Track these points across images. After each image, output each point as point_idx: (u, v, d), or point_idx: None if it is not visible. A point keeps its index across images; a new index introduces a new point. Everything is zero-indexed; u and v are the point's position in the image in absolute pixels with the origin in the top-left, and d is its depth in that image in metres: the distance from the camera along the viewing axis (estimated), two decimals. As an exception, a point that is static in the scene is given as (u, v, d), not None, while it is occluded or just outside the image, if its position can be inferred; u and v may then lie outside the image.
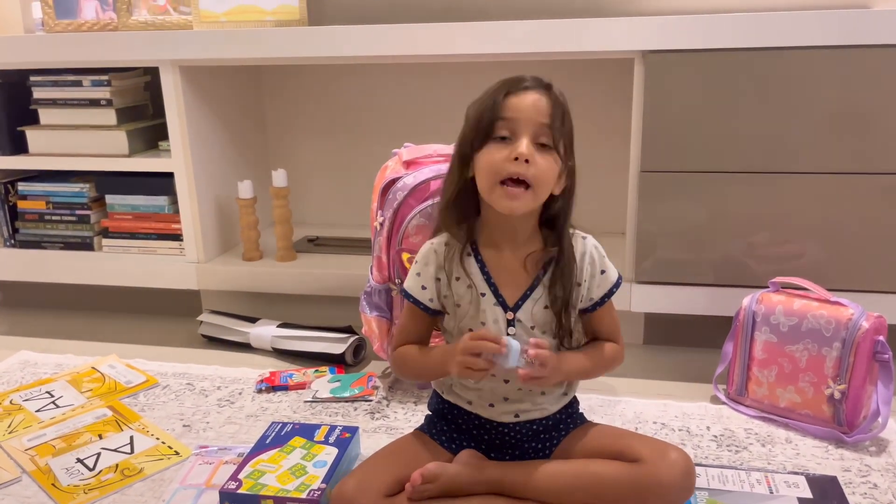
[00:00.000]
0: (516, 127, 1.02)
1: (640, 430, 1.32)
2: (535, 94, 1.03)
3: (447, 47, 1.60)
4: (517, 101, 1.02)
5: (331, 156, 2.14)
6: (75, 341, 1.82)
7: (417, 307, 1.13)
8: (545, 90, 1.04)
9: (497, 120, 1.02)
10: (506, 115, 1.02)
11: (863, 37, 1.41)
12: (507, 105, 1.02)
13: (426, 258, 1.13)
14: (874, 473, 1.19)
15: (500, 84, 1.05)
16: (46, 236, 1.98)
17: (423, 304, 1.12)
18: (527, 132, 1.01)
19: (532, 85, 1.03)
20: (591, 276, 1.11)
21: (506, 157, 1.01)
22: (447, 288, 1.11)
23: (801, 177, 1.50)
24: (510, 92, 1.02)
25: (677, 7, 1.80)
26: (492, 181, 1.03)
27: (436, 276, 1.11)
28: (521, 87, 1.03)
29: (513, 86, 1.03)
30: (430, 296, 1.12)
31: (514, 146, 1.01)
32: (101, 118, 1.89)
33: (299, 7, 1.82)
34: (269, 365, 1.65)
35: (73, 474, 1.23)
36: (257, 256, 1.91)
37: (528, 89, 1.03)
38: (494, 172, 1.02)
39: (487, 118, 1.02)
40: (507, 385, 1.12)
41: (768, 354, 1.36)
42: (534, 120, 1.01)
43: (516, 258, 1.09)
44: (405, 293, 1.14)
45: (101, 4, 1.95)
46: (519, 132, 1.02)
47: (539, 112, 1.02)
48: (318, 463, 1.17)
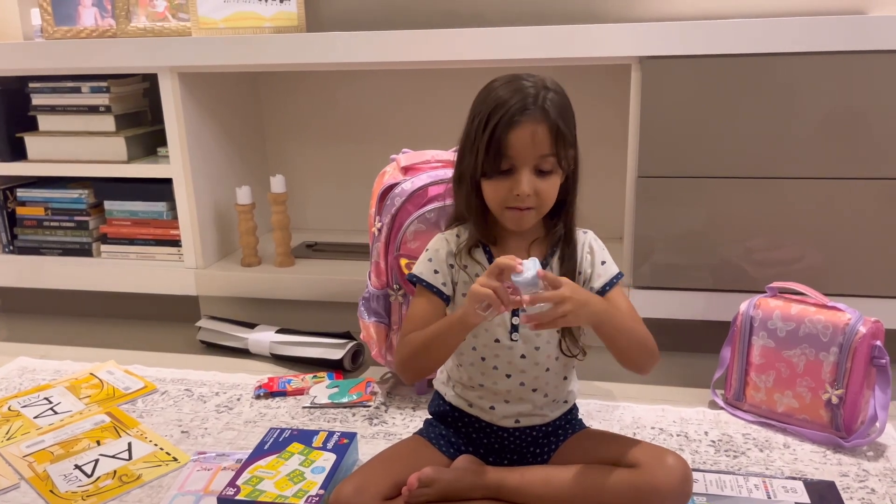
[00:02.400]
0: (516, 162, 1.04)
1: (638, 435, 1.32)
2: (532, 125, 1.02)
3: (445, 53, 1.61)
4: (516, 137, 1.03)
5: (329, 162, 2.14)
6: (74, 347, 1.82)
7: (430, 291, 1.12)
8: (542, 114, 1.03)
9: (500, 157, 1.04)
10: (506, 152, 1.03)
11: (859, 43, 1.42)
12: (508, 143, 1.03)
13: (437, 245, 1.15)
14: (872, 478, 1.19)
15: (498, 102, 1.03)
16: (45, 242, 1.98)
17: (437, 288, 1.12)
18: (527, 165, 1.04)
19: (530, 115, 1.02)
20: (592, 266, 1.12)
21: (508, 191, 1.05)
22: (457, 275, 1.12)
23: (798, 182, 1.50)
24: (511, 125, 1.02)
25: (674, 13, 1.81)
26: (499, 208, 1.08)
27: (448, 262, 1.13)
28: (520, 118, 1.02)
29: (513, 113, 1.02)
30: (443, 280, 1.13)
31: (515, 180, 1.04)
32: (100, 124, 1.89)
33: (297, 14, 1.82)
34: (267, 371, 1.65)
35: (71, 481, 1.23)
36: (256, 262, 1.91)
37: (525, 122, 1.02)
38: (500, 202, 1.07)
39: (492, 155, 1.04)
40: (508, 380, 1.12)
41: (766, 359, 1.36)
42: (534, 154, 1.04)
43: (522, 246, 1.12)
44: (416, 279, 1.14)
45: (100, 11, 1.95)
46: (519, 166, 1.04)
47: (538, 145, 1.03)
48: (316, 469, 1.17)
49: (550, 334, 1.11)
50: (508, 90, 1.04)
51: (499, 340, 1.11)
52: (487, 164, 1.05)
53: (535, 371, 1.12)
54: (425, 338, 1.07)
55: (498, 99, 1.04)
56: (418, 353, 1.08)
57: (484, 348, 1.12)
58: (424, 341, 1.07)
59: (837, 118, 1.46)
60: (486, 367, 1.13)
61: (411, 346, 1.09)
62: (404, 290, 1.44)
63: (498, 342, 1.11)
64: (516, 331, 1.11)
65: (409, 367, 1.11)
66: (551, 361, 1.13)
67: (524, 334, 1.10)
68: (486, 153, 1.04)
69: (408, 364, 1.11)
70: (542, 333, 1.10)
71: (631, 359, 1.09)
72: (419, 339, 1.08)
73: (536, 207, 1.07)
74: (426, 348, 1.07)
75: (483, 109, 1.05)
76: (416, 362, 1.09)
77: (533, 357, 1.12)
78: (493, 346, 1.11)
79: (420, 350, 1.08)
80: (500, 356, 1.12)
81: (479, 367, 1.13)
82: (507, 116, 1.02)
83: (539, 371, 1.13)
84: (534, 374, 1.13)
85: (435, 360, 1.10)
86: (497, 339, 1.11)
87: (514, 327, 1.11)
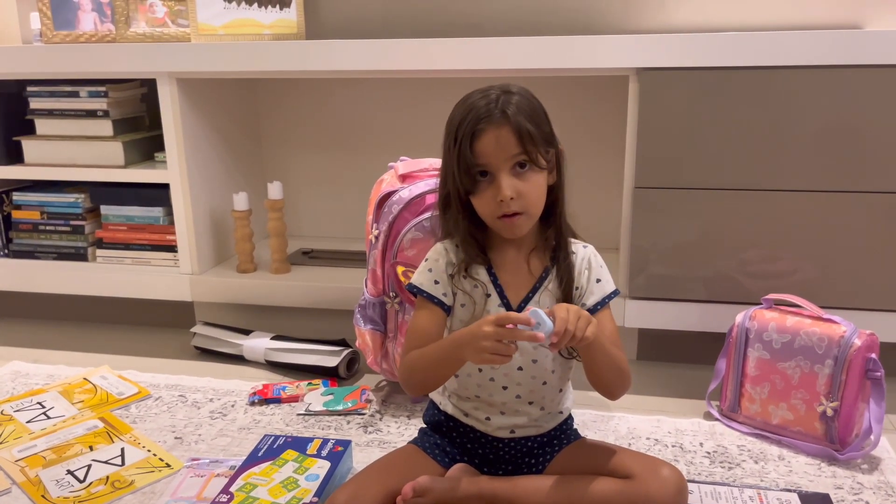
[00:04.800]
0: (491, 168, 1.05)
1: (633, 445, 1.32)
2: (495, 129, 1.03)
3: (443, 63, 1.61)
4: (481, 145, 1.04)
5: (326, 169, 2.14)
6: (67, 352, 1.81)
7: (431, 302, 1.12)
8: (503, 118, 1.03)
9: (473, 169, 1.05)
10: (478, 161, 1.04)
11: (855, 57, 1.43)
12: (475, 152, 1.04)
13: (438, 255, 1.14)
14: (866, 491, 1.19)
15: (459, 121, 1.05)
16: (40, 246, 1.98)
17: (438, 299, 1.12)
18: (503, 169, 1.05)
19: (490, 121, 1.03)
20: (588, 282, 1.12)
21: (493, 201, 1.05)
22: (457, 286, 1.12)
23: (794, 194, 1.51)
24: (474, 135, 1.03)
25: (672, 25, 1.82)
26: (490, 219, 1.08)
27: (448, 272, 1.13)
28: (482, 125, 1.03)
29: (474, 123, 1.03)
30: (444, 290, 1.12)
31: (495, 188, 1.05)
32: (98, 129, 1.89)
33: (297, 21, 1.83)
34: (262, 377, 1.64)
35: (63, 486, 1.22)
36: (252, 269, 1.90)
37: (488, 129, 1.03)
38: (490, 213, 1.07)
39: (464, 169, 1.05)
40: (504, 392, 1.12)
41: (761, 371, 1.36)
42: (504, 155, 1.04)
43: (520, 256, 1.12)
44: (417, 290, 1.13)
45: (99, 16, 1.95)
46: (495, 171, 1.05)
47: (505, 147, 1.04)
48: (310, 476, 1.16)
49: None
50: (469, 104, 1.06)
51: None
52: (465, 180, 1.05)
53: (532, 384, 1.12)
54: (427, 360, 1.07)
55: (461, 115, 1.06)
56: (421, 374, 1.09)
57: None
58: (426, 363, 1.07)
59: (833, 131, 1.47)
60: (483, 378, 1.13)
61: (413, 367, 1.09)
62: (401, 297, 1.44)
63: None
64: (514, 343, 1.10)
65: (412, 385, 1.11)
66: (548, 374, 1.13)
67: (523, 347, 1.10)
68: (460, 168, 1.05)
69: (411, 383, 1.11)
70: (538, 347, 1.10)
71: (605, 383, 1.08)
72: (422, 362, 1.08)
73: (524, 211, 1.06)
74: (428, 370, 1.08)
75: (450, 128, 1.07)
76: (419, 382, 1.10)
77: (530, 370, 1.11)
78: None
79: (422, 371, 1.09)
80: (498, 368, 1.11)
81: (476, 378, 1.13)
82: (469, 127, 1.04)
83: (536, 384, 1.12)
84: (530, 386, 1.12)
85: (438, 380, 1.11)
86: None
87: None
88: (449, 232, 1.14)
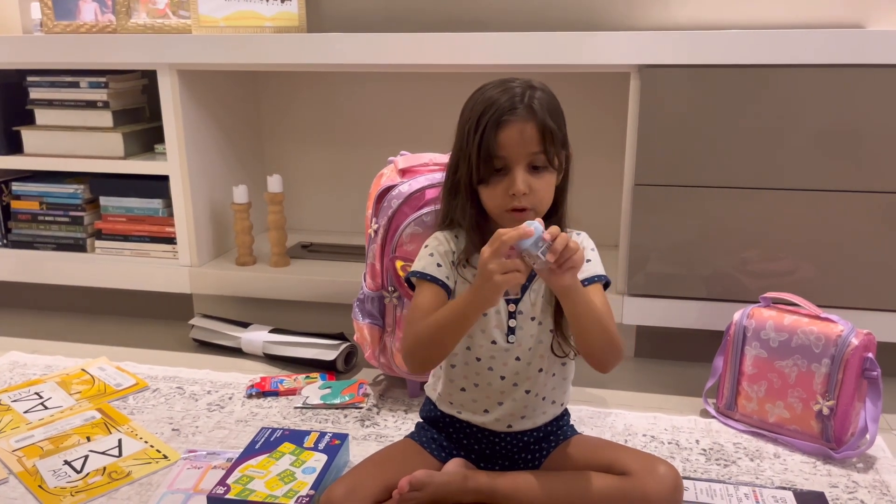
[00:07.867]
0: (508, 161, 1.05)
1: (629, 442, 1.32)
2: (521, 123, 1.04)
3: (445, 57, 1.61)
4: (505, 136, 1.04)
5: (326, 162, 2.14)
6: (65, 343, 1.81)
7: (436, 284, 1.10)
8: (529, 112, 1.04)
9: (491, 158, 1.05)
10: (498, 152, 1.04)
11: (857, 56, 1.43)
12: (497, 143, 1.04)
13: (438, 241, 1.14)
14: (861, 490, 1.19)
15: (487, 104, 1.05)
16: (39, 237, 1.97)
17: (442, 281, 1.11)
18: (520, 164, 1.05)
19: (516, 114, 1.03)
20: None
21: (504, 193, 1.05)
22: (457, 272, 1.12)
23: (794, 193, 1.51)
24: (499, 125, 1.03)
25: (674, 23, 1.82)
26: (497, 211, 1.08)
27: (449, 259, 1.12)
28: (508, 117, 1.03)
29: (500, 114, 1.03)
30: (447, 273, 1.12)
31: (510, 180, 1.05)
32: (98, 120, 1.89)
33: (298, 14, 1.82)
34: (259, 370, 1.64)
35: (60, 476, 1.22)
36: (251, 261, 1.90)
37: (513, 121, 1.03)
38: (499, 205, 1.07)
39: (483, 158, 1.05)
40: (502, 381, 1.12)
41: (758, 369, 1.36)
42: (524, 152, 1.04)
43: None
44: (420, 275, 1.12)
45: (100, 6, 1.95)
46: (512, 165, 1.05)
47: (528, 143, 1.04)
48: (307, 469, 1.16)
49: (543, 335, 1.11)
50: (495, 92, 1.06)
51: (496, 342, 1.11)
52: (481, 168, 1.05)
53: (529, 371, 1.12)
54: (436, 323, 1.03)
55: (486, 101, 1.05)
56: (428, 341, 1.05)
57: (479, 349, 1.12)
58: (435, 327, 1.03)
59: (833, 130, 1.47)
60: (481, 367, 1.13)
61: (420, 335, 1.05)
62: (399, 292, 1.44)
63: (495, 344, 1.11)
64: (513, 333, 1.11)
65: (417, 356, 1.07)
66: (544, 362, 1.13)
67: (519, 336, 1.10)
68: (478, 156, 1.04)
69: (416, 353, 1.07)
70: (534, 334, 1.11)
71: (595, 349, 1.06)
72: (429, 327, 1.04)
73: (533, 207, 1.06)
74: (437, 334, 1.04)
75: (472, 114, 1.06)
76: (425, 351, 1.06)
77: (526, 357, 1.12)
78: (490, 348, 1.11)
79: (430, 336, 1.05)
80: (495, 357, 1.12)
81: (473, 366, 1.13)
82: (495, 116, 1.03)
83: (532, 371, 1.13)
84: (527, 374, 1.13)
85: (445, 347, 1.06)
86: (494, 341, 1.11)
87: (510, 329, 1.11)
88: (449, 220, 1.14)
